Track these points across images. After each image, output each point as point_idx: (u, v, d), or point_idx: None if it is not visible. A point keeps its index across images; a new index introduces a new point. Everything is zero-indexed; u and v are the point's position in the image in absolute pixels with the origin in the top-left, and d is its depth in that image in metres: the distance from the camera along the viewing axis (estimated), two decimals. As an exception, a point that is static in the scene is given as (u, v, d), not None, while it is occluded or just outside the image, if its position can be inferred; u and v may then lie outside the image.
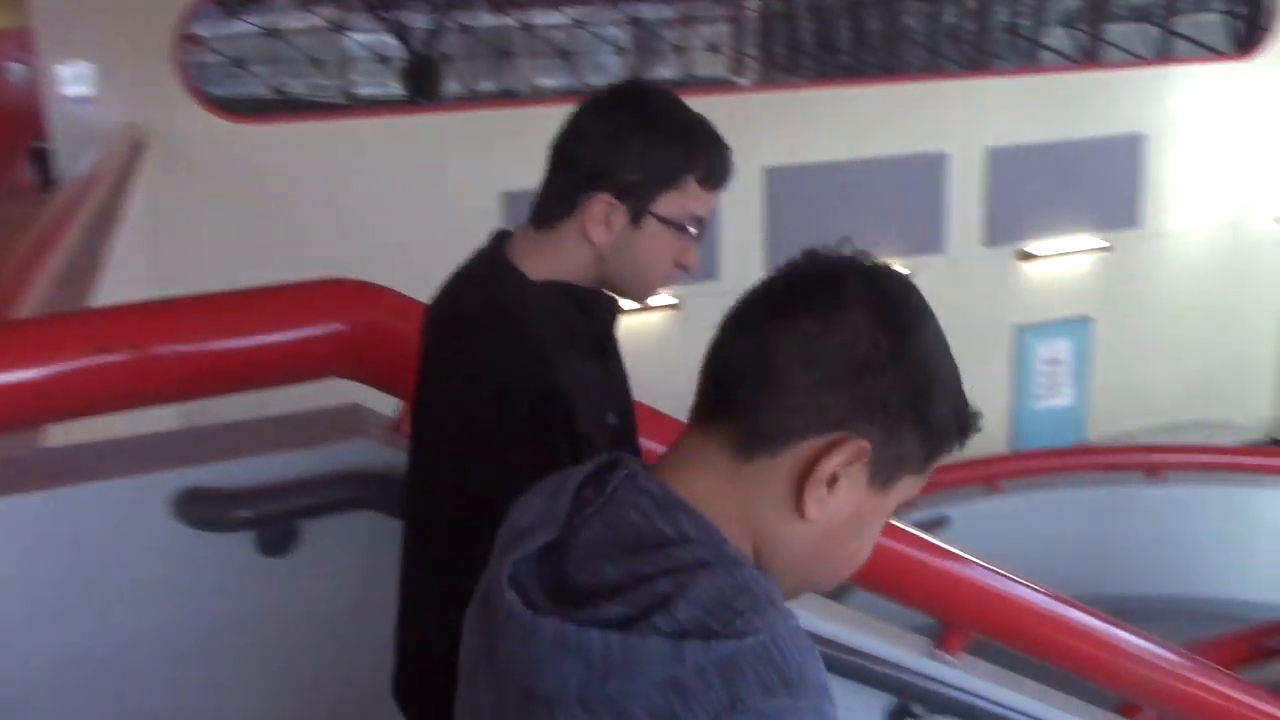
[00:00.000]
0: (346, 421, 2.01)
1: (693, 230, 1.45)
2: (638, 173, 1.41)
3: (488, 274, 1.47)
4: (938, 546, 2.68)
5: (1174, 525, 6.59)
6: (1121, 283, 10.51)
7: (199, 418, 2.64)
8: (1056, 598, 2.92)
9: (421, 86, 10.32)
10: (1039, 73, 9.92)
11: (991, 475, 6.48)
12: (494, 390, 1.34)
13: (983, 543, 6.15)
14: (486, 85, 12.94)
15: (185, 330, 1.85)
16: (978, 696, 2.48)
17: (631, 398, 1.59)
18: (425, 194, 7.31)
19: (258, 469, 1.83)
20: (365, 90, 12.47)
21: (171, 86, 7.51)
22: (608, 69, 13.89)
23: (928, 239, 9.38)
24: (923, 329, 0.92)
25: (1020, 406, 10.31)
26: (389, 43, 12.26)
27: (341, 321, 1.90)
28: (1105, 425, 10.22)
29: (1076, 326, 10.41)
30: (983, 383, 10.23)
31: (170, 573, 1.84)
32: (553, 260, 1.44)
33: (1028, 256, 9.95)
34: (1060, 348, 10.43)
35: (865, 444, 0.87)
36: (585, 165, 1.42)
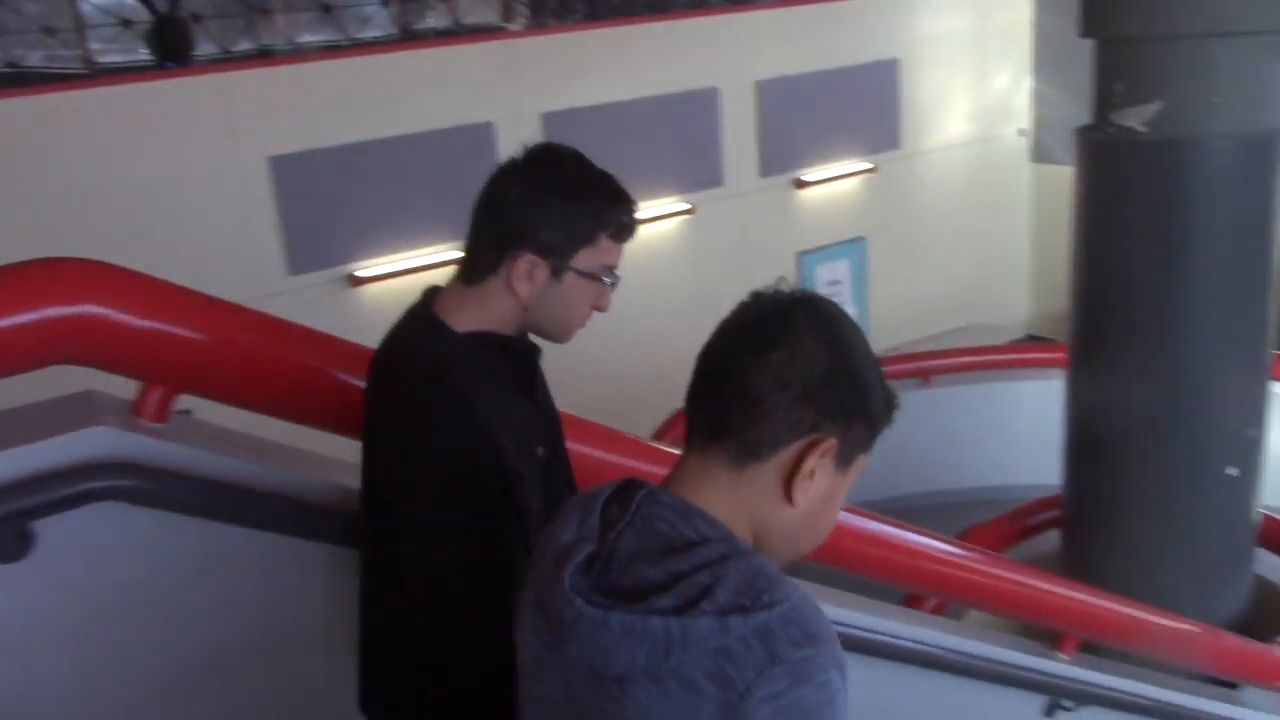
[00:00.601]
0: (80, 409, 1.92)
1: (607, 280, 1.66)
2: (557, 234, 1.60)
3: (414, 330, 1.65)
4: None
5: (947, 424, 7.08)
6: (888, 203, 11.06)
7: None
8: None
9: (169, 50, 9.70)
10: (801, 4, 10.24)
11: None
12: (428, 441, 1.52)
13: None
14: (243, 45, 12.28)
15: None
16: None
17: (560, 430, 1.78)
18: (181, 164, 6.91)
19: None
20: (109, 57, 11.61)
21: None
22: (374, 21, 13.42)
23: (707, 174, 9.58)
24: (855, 342, 1.19)
25: (807, 329, 10.76)
26: (130, 4, 11.44)
27: (66, 305, 1.81)
28: (887, 339, 10.79)
29: (852, 248, 10.91)
30: (771, 309, 10.62)
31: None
32: (479, 313, 1.62)
33: (803, 184, 10.31)
34: (839, 269, 10.92)
35: (833, 441, 1.16)
36: (509, 227, 1.60)
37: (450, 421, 1.51)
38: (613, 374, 8.08)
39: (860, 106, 10.57)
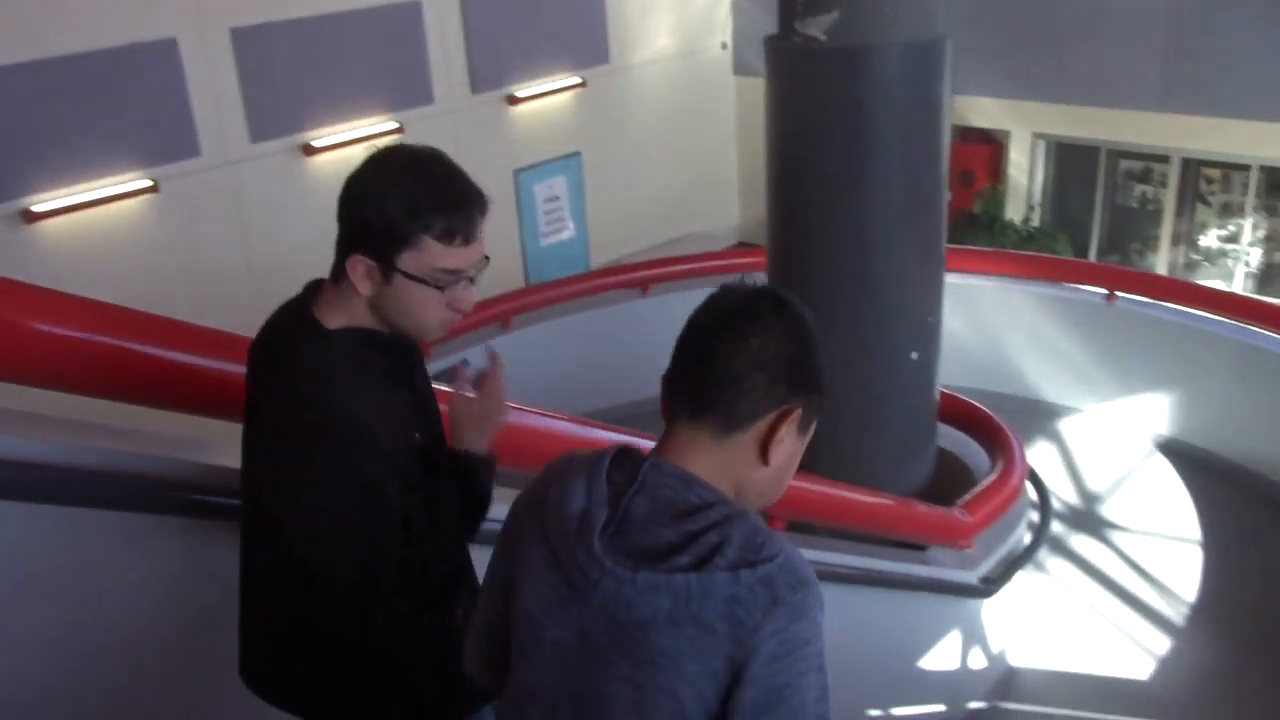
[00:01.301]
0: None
1: (440, 285, 1.60)
2: (380, 237, 1.57)
3: (289, 325, 1.68)
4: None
5: (667, 331, 7.36)
6: (601, 118, 11.18)
7: None
8: (571, 420, 3.16)
9: None
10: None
11: (503, 314, 6.80)
12: (314, 432, 1.58)
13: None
14: None
15: None
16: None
17: (440, 419, 1.79)
18: None
19: None
20: None
21: None
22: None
23: (416, 91, 9.31)
24: (810, 328, 1.38)
25: (529, 246, 10.80)
26: None
27: None
28: (607, 252, 11.02)
29: (568, 164, 10.99)
30: (494, 228, 10.54)
31: None
32: (346, 311, 1.64)
33: (515, 100, 10.24)
34: (557, 185, 10.99)
35: (799, 411, 1.34)
36: (346, 228, 1.60)
37: (330, 410, 1.58)
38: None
39: (569, 19, 10.55)
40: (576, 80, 10.66)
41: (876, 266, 4.69)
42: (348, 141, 8.48)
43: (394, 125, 8.96)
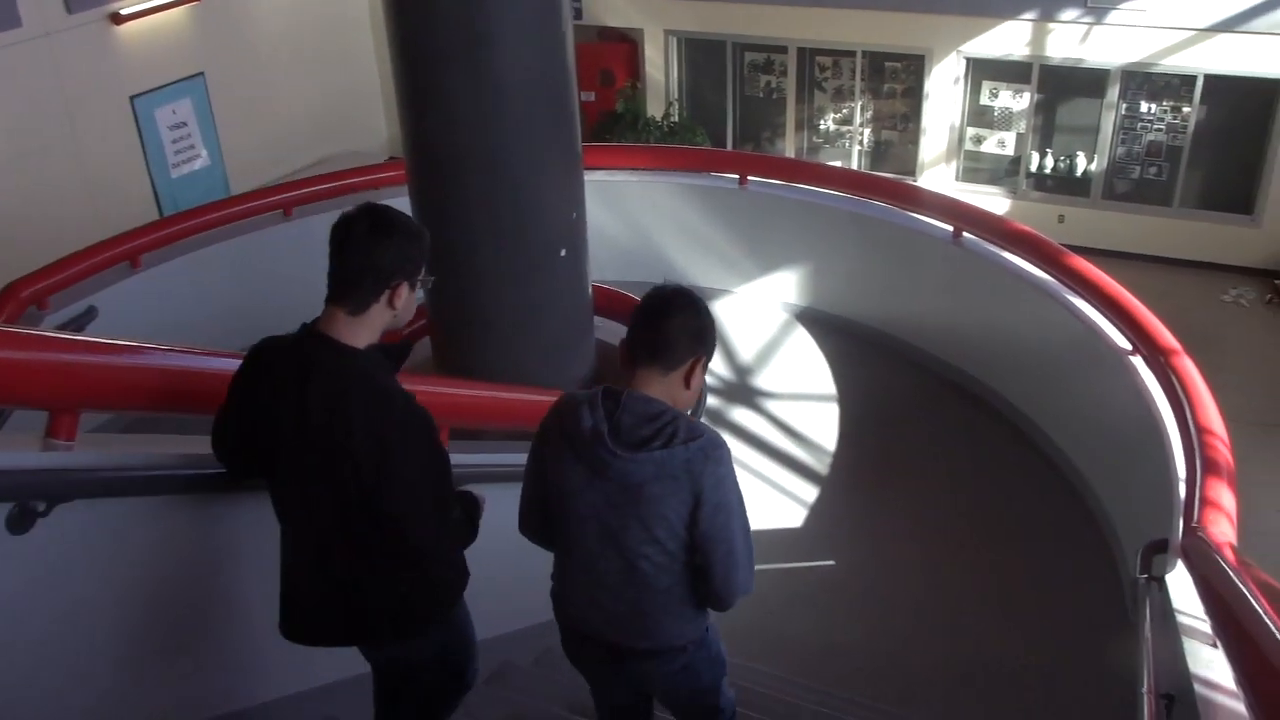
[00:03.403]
0: None
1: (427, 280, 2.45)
2: (415, 266, 2.35)
3: (319, 352, 2.29)
4: (43, 339, 2.54)
5: (314, 257, 7.06)
6: (224, 35, 10.42)
7: None
8: (203, 352, 2.96)
9: None
10: None
11: (129, 253, 6.26)
12: (390, 423, 2.27)
13: (131, 321, 6.01)
14: None
15: None
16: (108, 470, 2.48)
17: None
18: None
19: None
20: None
21: None
22: None
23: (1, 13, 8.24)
24: (706, 308, 2.31)
25: (159, 178, 9.96)
26: None
27: None
28: (248, 180, 10.35)
29: (191, 86, 10.17)
30: (113, 162, 9.67)
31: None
32: (368, 332, 2.32)
33: (120, 19, 9.30)
34: (182, 109, 10.16)
35: (705, 358, 2.31)
36: (387, 269, 2.28)
37: (397, 398, 2.30)
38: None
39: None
40: (191, -5, 9.83)
41: (512, 169, 4.73)
42: None
43: None
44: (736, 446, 6.47)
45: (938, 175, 11.17)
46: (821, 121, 11.74)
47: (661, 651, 2.43)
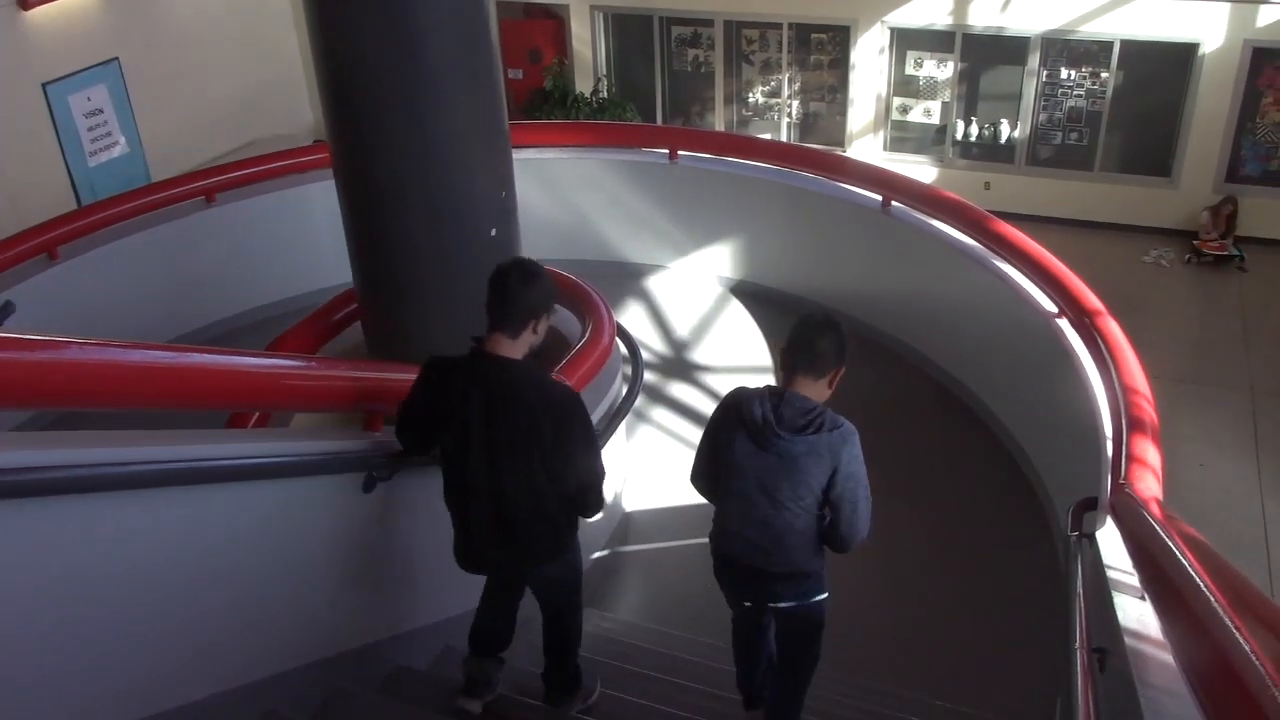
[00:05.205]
0: None
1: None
2: (550, 304, 3.29)
3: (497, 364, 3.18)
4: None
5: (241, 241, 6.93)
6: (139, 19, 10.13)
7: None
8: (127, 345, 2.89)
9: None
10: None
11: (48, 245, 6.08)
12: (552, 406, 3.21)
13: (50, 312, 5.83)
14: None
15: None
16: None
17: None
18: None
19: None
20: None
21: None
22: None
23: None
24: (843, 332, 3.21)
25: (75, 168, 9.67)
26: None
27: None
28: (173, 167, 10.09)
29: (105, 71, 9.88)
30: (27, 152, 9.37)
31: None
32: (523, 349, 3.22)
33: (28, 3, 8.99)
34: (97, 96, 9.87)
35: (843, 369, 3.22)
36: (535, 305, 3.19)
37: (557, 387, 3.30)
38: None
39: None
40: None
41: (438, 149, 4.66)
42: None
43: None
44: (673, 420, 6.53)
45: (866, 145, 11.26)
46: (750, 94, 11.77)
47: (793, 575, 3.23)
